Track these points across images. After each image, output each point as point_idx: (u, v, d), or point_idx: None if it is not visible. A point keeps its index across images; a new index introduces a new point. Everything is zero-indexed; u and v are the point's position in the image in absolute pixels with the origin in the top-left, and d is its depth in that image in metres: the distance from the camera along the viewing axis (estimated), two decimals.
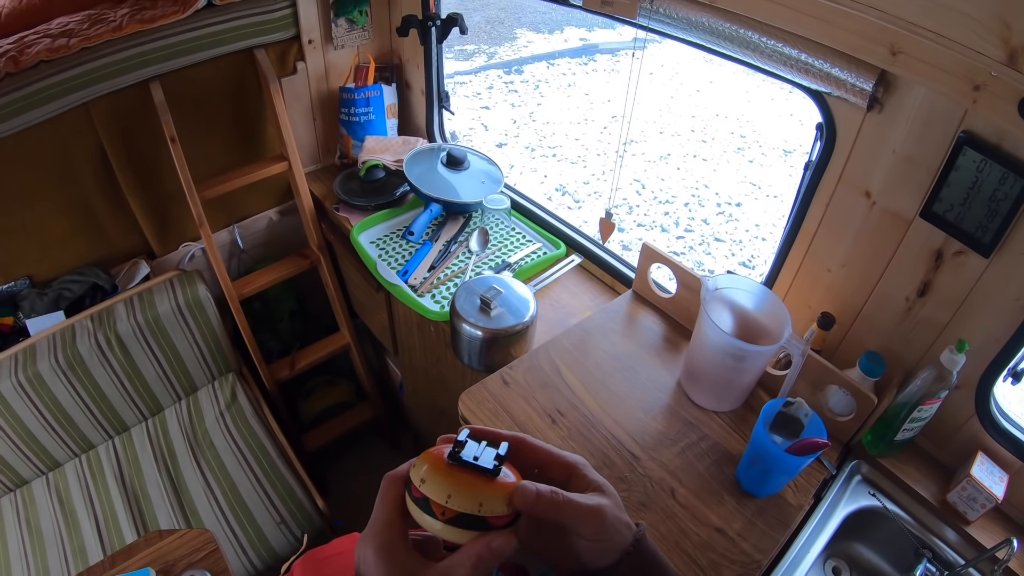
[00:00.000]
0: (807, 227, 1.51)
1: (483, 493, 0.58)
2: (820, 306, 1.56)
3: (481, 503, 0.58)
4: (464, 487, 0.58)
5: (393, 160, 2.32)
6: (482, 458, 0.61)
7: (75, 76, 1.86)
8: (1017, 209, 1.14)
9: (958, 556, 1.36)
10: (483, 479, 0.59)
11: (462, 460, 0.60)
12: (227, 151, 2.35)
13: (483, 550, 0.56)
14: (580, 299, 1.98)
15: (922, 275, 1.34)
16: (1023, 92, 0.97)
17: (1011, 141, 1.12)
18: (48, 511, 2.07)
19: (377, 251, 2.10)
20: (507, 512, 0.59)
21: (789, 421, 1.28)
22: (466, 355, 1.75)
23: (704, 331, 1.43)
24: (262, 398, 2.48)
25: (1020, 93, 0.97)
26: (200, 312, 2.24)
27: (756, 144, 5.83)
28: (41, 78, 1.81)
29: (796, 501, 1.36)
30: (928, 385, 1.33)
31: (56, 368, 2.00)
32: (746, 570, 1.24)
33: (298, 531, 2.13)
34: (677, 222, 4.88)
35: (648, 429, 1.48)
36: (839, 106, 1.32)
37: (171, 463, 2.21)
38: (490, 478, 0.60)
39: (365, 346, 2.84)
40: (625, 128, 1.72)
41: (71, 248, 2.17)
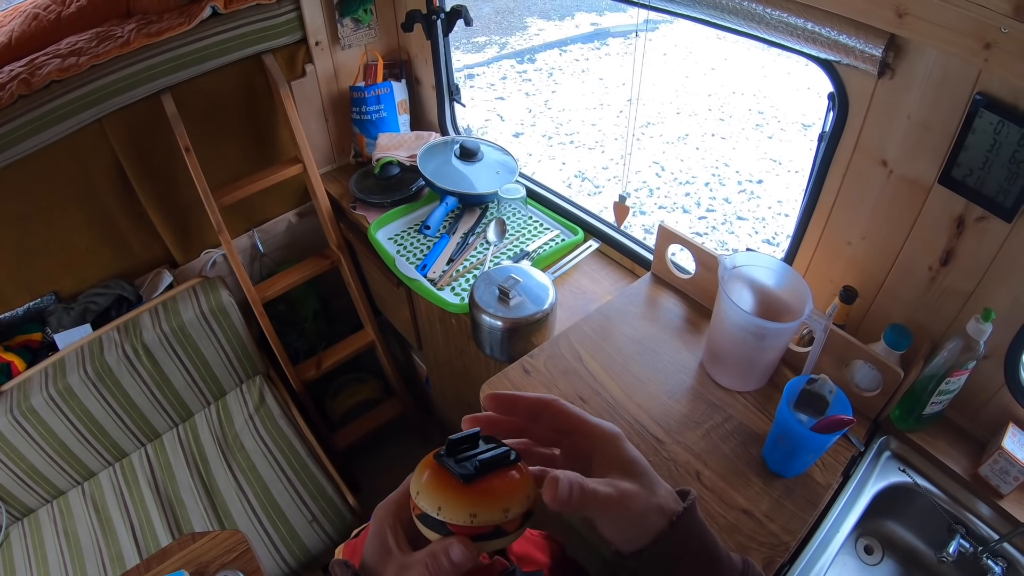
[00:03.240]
0: (824, 200, 1.48)
1: (446, 497, 0.57)
2: (842, 280, 1.53)
3: (440, 507, 0.56)
4: (431, 487, 0.58)
5: (407, 156, 2.32)
6: (464, 463, 0.58)
7: (87, 93, 1.88)
8: None
9: (992, 531, 1.33)
10: (455, 483, 0.57)
11: (443, 460, 0.59)
12: (242, 157, 2.36)
13: (441, 553, 0.55)
14: (600, 284, 1.97)
15: (944, 243, 1.31)
16: None
17: None
18: (85, 520, 2.10)
19: (395, 247, 2.10)
20: (466, 523, 0.56)
21: (813, 398, 1.26)
22: (488, 346, 1.75)
23: (723, 310, 1.41)
24: (290, 399, 2.50)
25: None
26: (224, 317, 2.26)
27: (775, 119, 5.76)
28: (54, 98, 1.83)
29: (824, 480, 1.34)
30: (955, 356, 1.30)
31: (86, 380, 2.03)
32: (775, 552, 1.23)
33: (330, 528, 2.14)
34: (699, 202, 4.84)
35: (672, 412, 1.47)
36: (850, 74, 1.30)
37: (203, 467, 2.24)
38: (462, 484, 0.57)
39: (390, 342, 2.85)
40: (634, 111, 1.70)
41: (94, 262, 2.20)
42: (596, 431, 0.63)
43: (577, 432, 0.64)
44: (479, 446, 0.61)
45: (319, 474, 2.24)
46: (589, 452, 0.63)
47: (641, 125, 5.67)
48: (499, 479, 0.59)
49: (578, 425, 0.64)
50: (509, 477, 0.60)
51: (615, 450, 0.62)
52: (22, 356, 2.07)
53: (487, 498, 0.57)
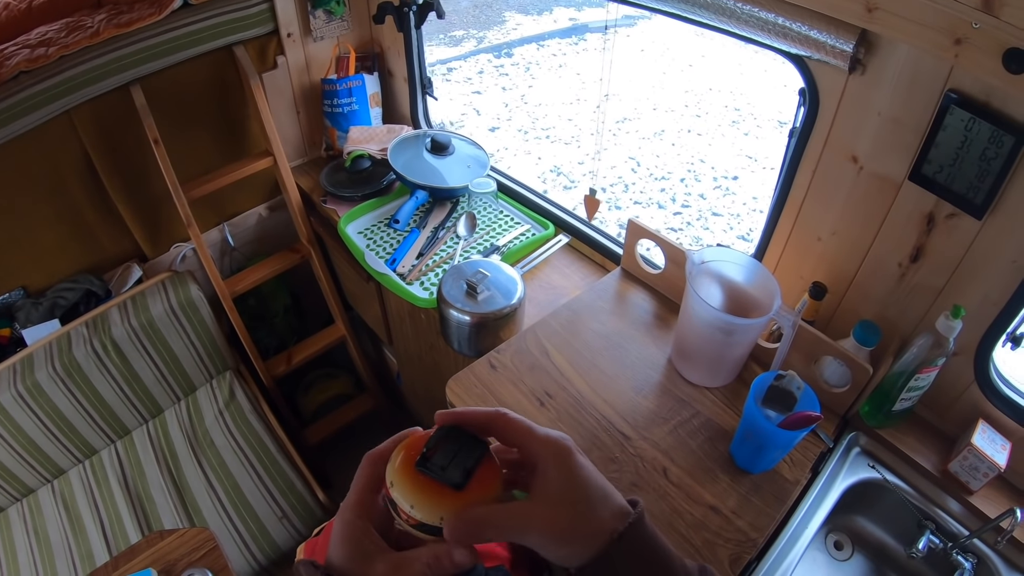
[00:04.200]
0: (795, 196, 1.49)
1: (446, 506, 0.58)
2: (812, 276, 1.53)
3: (442, 517, 0.57)
4: (427, 498, 0.58)
5: (378, 149, 2.30)
6: (450, 469, 0.59)
7: (56, 84, 1.84)
8: (1009, 168, 1.11)
9: (962, 527, 1.34)
10: (448, 491, 0.59)
11: (429, 470, 0.59)
12: (212, 150, 2.33)
13: (444, 555, 0.56)
14: (570, 279, 1.96)
15: (914, 240, 1.32)
16: (1007, 43, 0.94)
17: (999, 97, 1.09)
18: (55, 519, 2.08)
19: (365, 241, 2.08)
20: None
21: (781, 395, 1.26)
22: (456, 341, 1.74)
23: (691, 306, 1.41)
24: (260, 394, 2.47)
25: (1004, 44, 0.95)
26: (194, 312, 2.24)
27: (751, 116, 5.78)
28: (22, 89, 1.79)
29: (792, 476, 1.34)
30: (925, 353, 1.31)
31: (54, 376, 2.00)
32: (742, 548, 1.22)
33: (300, 525, 2.13)
34: (674, 198, 4.85)
35: (639, 408, 1.47)
36: (820, 70, 1.30)
37: (173, 464, 2.22)
38: (455, 491, 0.59)
39: (362, 337, 2.83)
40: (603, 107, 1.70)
41: (63, 256, 2.17)
42: (541, 448, 0.62)
43: (529, 442, 0.62)
44: (446, 445, 0.62)
45: (289, 470, 2.23)
46: (535, 464, 0.62)
47: (617, 120, 5.67)
48: (482, 474, 0.61)
49: (526, 439, 0.62)
50: (488, 469, 0.62)
51: (556, 472, 0.61)
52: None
53: (481, 496, 0.60)
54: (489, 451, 0.64)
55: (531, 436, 0.62)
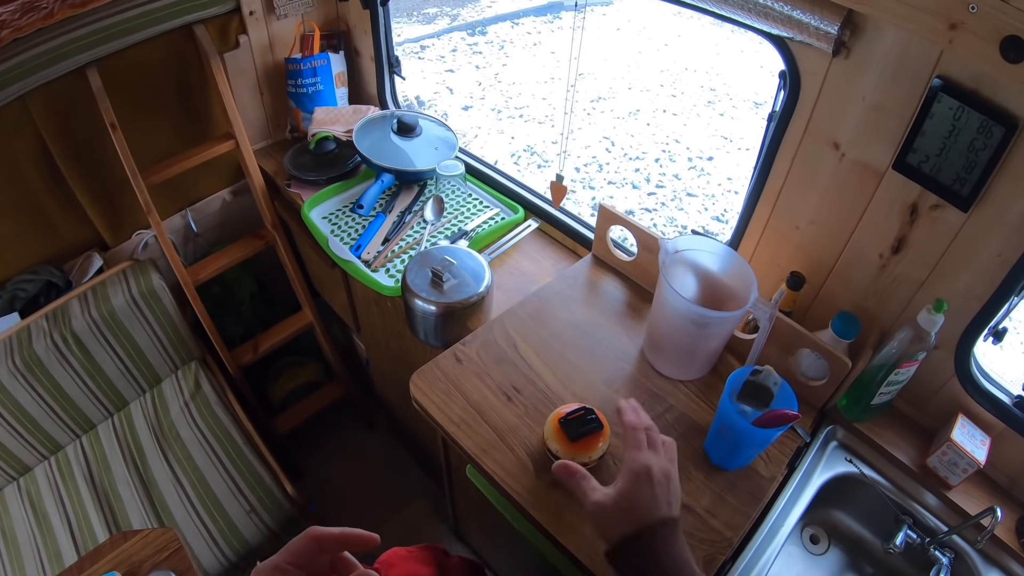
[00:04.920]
0: (773, 182, 1.44)
1: (563, 447, 1.24)
2: (789, 265, 1.50)
3: (557, 450, 1.25)
4: (556, 440, 1.25)
5: (344, 131, 2.23)
6: (572, 429, 1.24)
7: (8, 69, 1.76)
8: (997, 160, 1.07)
9: (940, 522, 1.32)
10: (567, 440, 1.24)
11: (562, 425, 1.25)
12: (172, 134, 2.25)
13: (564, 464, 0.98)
14: (541, 265, 1.92)
15: (896, 231, 1.28)
16: (1005, 29, 0.89)
17: (990, 86, 1.05)
18: (22, 518, 2.03)
19: (329, 226, 2.02)
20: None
21: (758, 390, 1.22)
22: (422, 331, 1.69)
23: (664, 297, 1.36)
24: (227, 385, 2.42)
25: (1002, 31, 0.90)
26: (156, 302, 2.17)
27: (727, 97, 5.77)
28: None
29: (768, 473, 1.31)
30: (905, 346, 1.28)
31: (15, 372, 1.95)
32: (716, 549, 1.19)
33: (268, 519, 2.09)
34: (648, 178, 4.82)
35: (610, 402, 1.42)
36: (803, 52, 1.25)
37: (139, 459, 2.17)
38: (570, 441, 1.24)
39: (330, 324, 2.78)
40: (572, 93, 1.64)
41: (21, 247, 2.10)
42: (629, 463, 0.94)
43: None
44: (582, 417, 1.24)
45: (256, 463, 2.18)
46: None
47: (592, 100, 5.64)
48: (589, 439, 1.24)
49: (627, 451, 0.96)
50: (595, 438, 1.24)
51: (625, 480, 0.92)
52: None
53: (583, 448, 1.23)
54: (602, 428, 1.24)
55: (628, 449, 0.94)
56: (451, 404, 1.43)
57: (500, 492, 1.30)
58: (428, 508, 2.70)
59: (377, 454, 2.96)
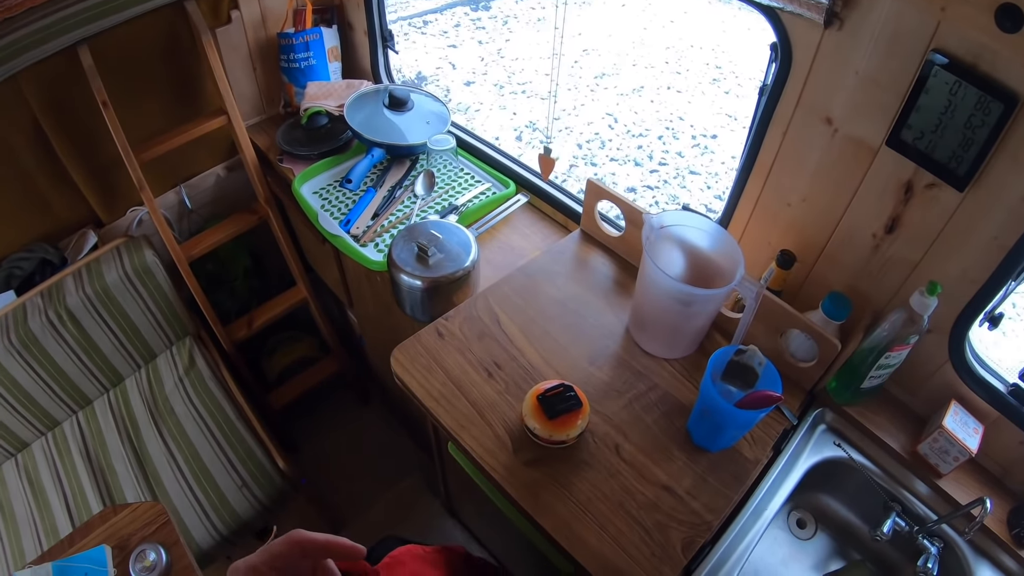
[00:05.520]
0: (763, 158, 1.42)
1: (540, 424, 1.25)
2: (780, 244, 1.48)
3: (535, 428, 1.26)
4: (534, 417, 1.26)
5: (336, 105, 2.22)
6: (550, 406, 1.25)
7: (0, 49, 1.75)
8: (995, 137, 1.05)
9: (929, 510, 1.31)
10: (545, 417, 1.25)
11: (540, 402, 1.27)
12: (165, 110, 2.24)
13: None
14: (531, 240, 1.90)
15: (890, 210, 1.26)
16: None
17: (988, 60, 1.02)
18: (19, 493, 2.05)
19: (320, 201, 2.01)
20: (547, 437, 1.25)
21: (741, 370, 1.21)
22: (408, 306, 1.68)
23: (648, 275, 1.35)
24: (221, 360, 2.42)
25: None
26: (149, 278, 2.17)
27: (732, 75, 5.68)
28: None
29: (753, 455, 1.30)
30: (897, 329, 1.26)
31: (10, 349, 1.96)
32: (696, 532, 1.18)
33: (260, 494, 2.09)
34: (651, 155, 4.77)
35: (592, 380, 1.41)
36: (794, 23, 1.22)
37: (134, 434, 2.17)
38: (548, 419, 1.25)
39: (325, 299, 2.78)
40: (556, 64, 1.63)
41: (16, 225, 2.10)
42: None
43: None
44: (561, 394, 1.26)
45: (249, 438, 2.18)
46: None
47: (595, 76, 5.58)
48: (567, 417, 1.24)
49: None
50: (574, 415, 1.25)
51: None
52: None
53: (561, 427, 1.24)
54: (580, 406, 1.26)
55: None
56: (431, 379, 1.42)
57: (478, 469, 1.30)
58: (421, 484, 2.71)
59: (371, 429, 2.97)
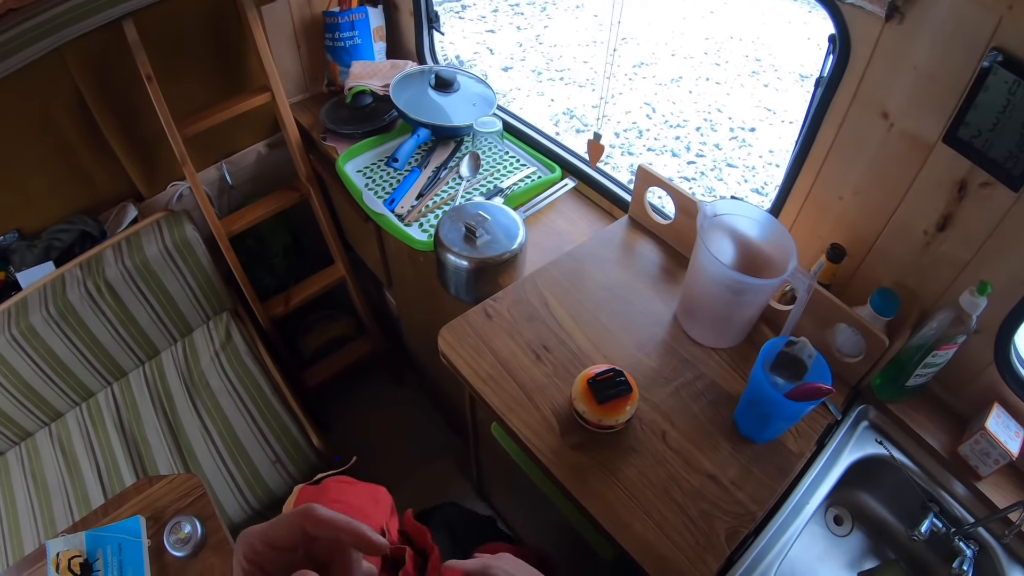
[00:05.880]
0: (817, 150, 1.39)
1: (590, 408, 1.25)
2: (830, 237, 1.45)
3: (584, 411, 1.25)
4: (584, 400, 1.25)
5: (381, 85, 2.21)
6: (600, 391, 1.24)
7: (44, 22, 1.74)
8: None
9: (966, 513, 1.29)
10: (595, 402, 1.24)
11: (591, 386, 1.25)
12: (209, 86, 2.25)
13: None
14: (576, 225, 1.89)
15: (943, 207, 1.23)
16: None
17: None
18: (52, 462, 2.07)
19: (364, 180, 2.01)
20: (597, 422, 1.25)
21: (791, 362, 1.19)
22: (453, 286, 1.67)
23: (700, 262, 1.33)
24: (258, 336, 2.43)
25: None
26: (189, 252, 2.19)
27: (772, 68, 5.60)
28: (10, 27, 1.69)
29: (797, 448, 1.28)
30: (945, 328, 1.23)
31: (48, 319, 1.98)
32: (740, 522, 1.17)
33: (293, 469, 2.10)
34: (688, 147, 4.73)
35: (640, 366, 1.40)
36: (854, 15, 1.19)
37: (168, 406, 2.19)
38: (597, 403, 1.24)
39: (363, 278, 2.78)
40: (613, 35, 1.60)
41: (57, 197, 2.12)
42: None
43: None
44: (611, 379, 1.24)
45: (284, 414, 2.19)
46: None
47: (634, 65, 5.53)
48: (616, 402, 1.23)
49: None
50: (622, 401, 1.24)
51: None
52: None
53: (610, 411, 1.24)
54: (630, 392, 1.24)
55: None
56: (479, 360, 1.42)
57: (525, 451, 1.29)
58: (452, 466, 2.71)
59: (405, 410, 2.97)
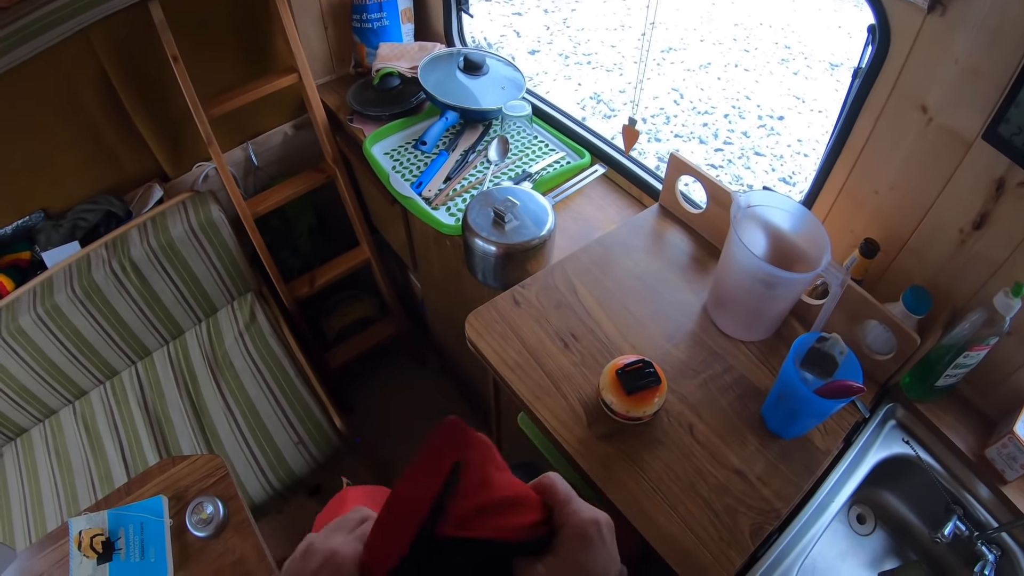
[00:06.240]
0: (853, 142, 1.36)
1: (618, 399, 1.23)
2: (864, 232, 1.42)
3: (611, 402, 1.24)
4: (611, 390, 1.24)
5: (409, 67, 2.20)
6: (629, 381, 1.23)
7: (70, 2, 1.73)
8: None
9: (990, 517, 1.26)
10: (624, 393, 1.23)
11: (619, 376, 1.24)
12: (235, 67, 2.24)
13: None
14: (605, 212, 1.87)
15: (980, 205, 1.20)
16: None
17: None
18: (76, 440, 2.09)
19: (391, 162, 2.00)
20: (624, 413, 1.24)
21: (822, 358, 1.17)
22: (480, 272, 1.66)
23: (733, 253, 1.31)
24: (282, 317, 2.44)
25: None
26: (214, 233, 2.19)
27: (801, 56, 5.52)
28: (36, 7, 1.68)
29: (824, 445, 1.26)
30: (977, 329, 1.20)
31: (73, 298, 1.99)
32: (764, 518, 1.16)
33: (315, 451, 2.11)
34: (716, 134, 4.68)
35: (669, 357, 1.39)
36: (895, 6, 1.16)
37: (192, 386, 2.21)
38: (626, 394, 1.22)
39: (388, 261, 2.78)
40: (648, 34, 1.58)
41: (83, 177, 2.12)
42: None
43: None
44: (639, 371, 1.23)
45: (307, 395, 2.20)
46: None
47: (662, 50, 5.47)
48: (645, 393, 1.22)
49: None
50: (651, 392, 1.22)
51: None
52: (11, 276, 2.03)
53: (638, 403, 1.22)
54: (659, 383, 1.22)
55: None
56: (506, 347, 1.41)
57: (550, 440, 1.29)
58: None
59: (427, 393, 2.98)
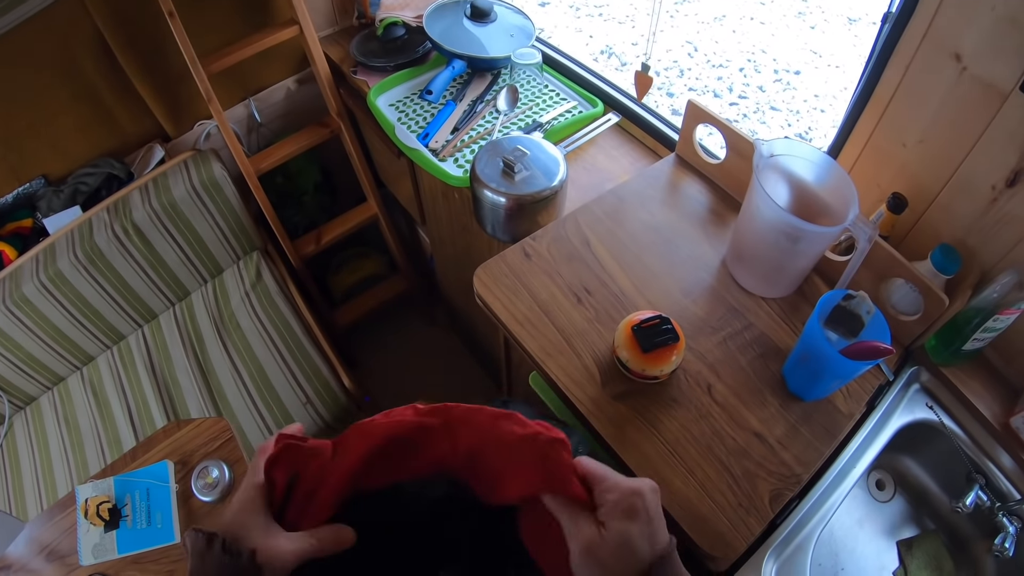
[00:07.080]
0: (881, 92, 1.28)
1: (633, 357, 1.17)
2: (890, 186, 1.35)
3: (627, 360, 1.18)
4: (627, 347, 1.18)
5: (414, 16, 2.13)
6: (645, 339, 1.16)
7: None
8: None
9: (1012, 487, 1.22)
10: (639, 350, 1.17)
11: (635, 333, 1.18)
12: (234, 20, 2.16)
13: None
14: (619, 163, 1.80)
15: (1014, 162, 1.12)
16: None
17: None
18: (84, 405, 2.10)
19: (396, 114, 1.94)
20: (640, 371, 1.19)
21: (848, 317, 1.12)
22: (489, 224, 1.61)
23: (755, 205, 1.25)
24: (289, 275, 2.42)
25: None
26: (217, 192, 2.16)
27: (819, 9, 5.37)
28: None
29: (847, 409, 1.21)
30: (1007, 292, 1.15)
31: (76, 264, 1.97)
32: (785, 484, 1.11)
33: (324, 411, 2.09)
34: (731, 88, 4.58)
35: (686, 313, 1.33)
36: None
37: (199, 348, 2.19)
38: (642, 352, 1.16)
39: (396, 216, 2.74)
40: None
41: (82, 141, 2.09)
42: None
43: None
44: (657, 327, 1.17)
45: (315, 355, 2.18)
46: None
47: (675, 1, 5.35)
48: (662, 351, 1.16)
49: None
50: (668, 350, 1.16)
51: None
52: (13, 244, 2.01)
53: (655, 360, 1.16)
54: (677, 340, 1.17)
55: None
56: (516, 302, 1.35)
57: (562, 400, 1.24)
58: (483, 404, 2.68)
59: (436, 350, 2.95)
